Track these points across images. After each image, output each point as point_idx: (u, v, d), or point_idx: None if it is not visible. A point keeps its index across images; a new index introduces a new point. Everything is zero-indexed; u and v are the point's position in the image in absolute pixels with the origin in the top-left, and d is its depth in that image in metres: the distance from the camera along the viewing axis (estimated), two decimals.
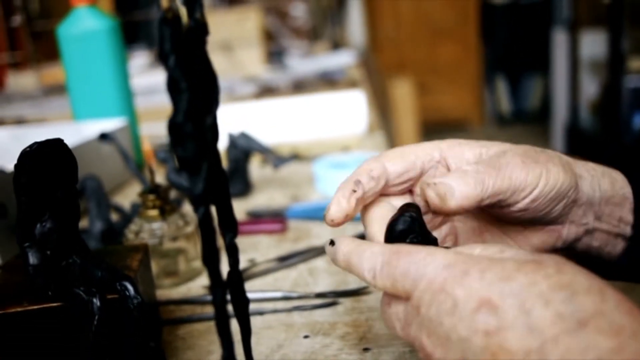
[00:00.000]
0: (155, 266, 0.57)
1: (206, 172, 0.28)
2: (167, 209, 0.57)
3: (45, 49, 2.05)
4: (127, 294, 0.38)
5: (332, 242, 0.37)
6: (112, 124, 0.90)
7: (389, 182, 0.40)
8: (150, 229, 0.56)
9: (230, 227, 0.32)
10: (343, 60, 2.07)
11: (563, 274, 0.28)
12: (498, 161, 0.38)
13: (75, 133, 0.90)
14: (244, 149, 0.78)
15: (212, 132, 0.29)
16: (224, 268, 0.33)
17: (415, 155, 0.41)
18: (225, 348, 0.29)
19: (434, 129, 4.42)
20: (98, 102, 0.95)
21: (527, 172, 0.37)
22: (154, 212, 0.57)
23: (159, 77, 1.87)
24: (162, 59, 0.27)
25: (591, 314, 0.26)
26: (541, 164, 0.38)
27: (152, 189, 0.57)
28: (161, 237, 0.56)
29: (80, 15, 0.93)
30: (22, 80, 2.05)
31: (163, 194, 0.57)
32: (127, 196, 0.86)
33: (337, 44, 2.93)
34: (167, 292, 0.56)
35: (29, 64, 2.10)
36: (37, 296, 0.39)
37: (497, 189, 0.37)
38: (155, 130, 1.18)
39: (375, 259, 0.33)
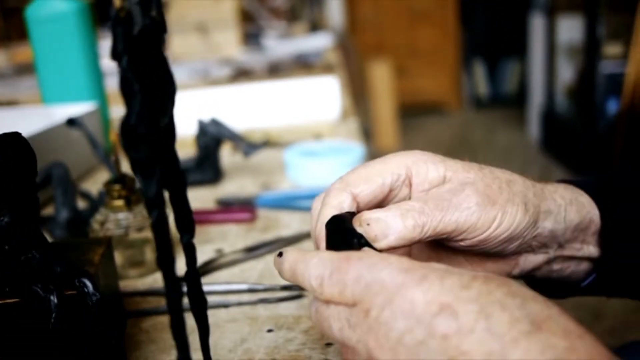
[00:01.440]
0: (120, 257, 0.57)
1: (160, 174, 0.27)
2: (133, 199, 0.57)
3: (17, 27, 2.00)
4: (86, 290, 0.38)
5: (280, 254, 0.36)
6: (82, 108, 0.89)
7: (359, 209, 0.40)
8: (115, 219, 0.56)
9: (187, 228, 0.32)
10: (320, 42, 2.06)
11: (511, 285, 0.29)
12: (450, 201, 0.37)
13: (44, 117, 0.88)
14: (214, 136, 0.78)
15: (168, 133, 0.29)
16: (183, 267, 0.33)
17: (382, 178, 0.40)
18: (180, 350, 0.29)
19: (411, 112, 4.43)
20: (67, 86, 0.94)
21: (479, 215, 0.37)
22: (119, 202, 0.56)
23: None
24: (114, 58, 0.26)
25: (543, 318, 0.27)
26: (498, 206, 0.38)
27: (118, 178, 0.56)
28: (127, 227, 0.56)
29: None
30: None
31: (129, 184, 0.56)
32: (96, 182, 0.85)
33: (315, 26, 2.92)
34: (133, 282, 0.56)
35: None
36: None
37: (440, 231, 0.37)
38: None
39: (323, 265, 0.32)
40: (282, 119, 1.08)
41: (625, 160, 1.77)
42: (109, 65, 1.37)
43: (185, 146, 0.88)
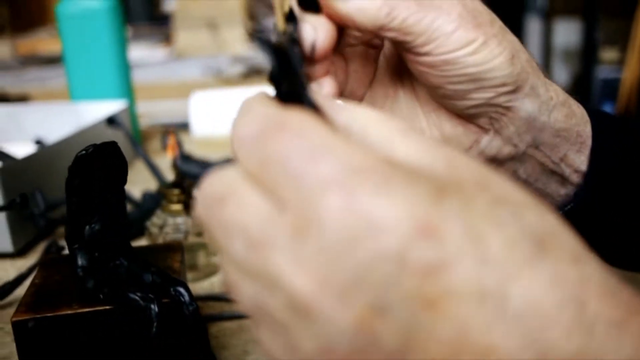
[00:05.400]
0: None
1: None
2: (191, 203, 0.57)
3: (21, 18, 1.98)
4: (183, 299, 0.38)
5: None
6: (113, 106, 0.89)
7: None
8: (174, 224, 0.56)
9: None
10: None
11: (491, 182, 0.20)
12: (431, 0, 0.31)
13: (76, 115, 0.88)
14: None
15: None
16: None
17: None
18: None
19: None
20: (97, 82, 0.94)
21: (455, 27, 0.31)
22: (177, 207, 0.56)
23: (140, 52, 1.84)
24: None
25: (546, 235, 0.19)
26: (481, 32, 0.31)
27: (176, 182, 0.57)
28: (186, 232, 0.56)
29: None
30: None
31: (187, 188, 0.57)
32: (131, 183, 0.85)
33: None
34: (191, 286, 0.56)
35: (2, 32, 2.04)
36: (87, 298, 0.39)
37: (407, 27, 0.30)
38: (150, 109, 1.16)
39: (253, 122, 0.21)
40: None
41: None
42: (135, 58, 1.36)
43: (219, 146, 0.88)
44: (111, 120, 0.76)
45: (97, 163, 0.38)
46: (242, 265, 0.20)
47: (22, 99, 1.36)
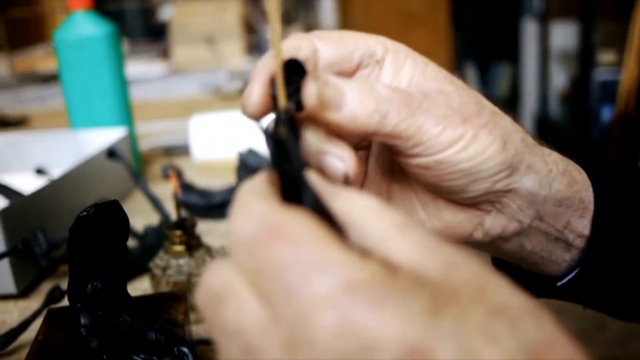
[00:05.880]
0: None
1: None
2: (194, 243, 0.57)
3: (18, 36, 1.98)
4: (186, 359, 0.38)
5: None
6: (112, 134, 0.88)
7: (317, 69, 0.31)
8: (177, 265, 0.56)
9: None
10: None
11: (489, 290, 0.20)
12: (419, 102, 0.30)
13: (76, 145, 0.88)
14: (254, 168, 0.78)
15: None
16: None
17: (355, 44, 0.32)
18: None
19: None
20: (95, 110, 0.93)
21: (443, 127, 0.30)
22: (180, 248, 0.56)
23: (137, 68, 1.83)
24: None
25: (542, 346, 0.19)
26: (469, 125, 0.31)
27: (178, 223, 0.56)
28: (189, 274, 0.56)
29: (77, 20, 0.91)
30: None
31: (190, 229, 0.56)
32: (132, 213, 0.84)
33: (310, 29, 2.92)
34: (194, 328, 0.56)
35: (1, 50, 2.04)
36: (91, 358, 0.39)
37: (397, 133, 0.30)
38: (150, 130, 1.16)
39: (250, 224, 0.21)
40: None
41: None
42: (132, 74, 1.36)
43: (221, 171, 0.88)
44: (112, 153, 0.75)
45: (98, 222, 0.38)
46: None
47: (21, 121, 1.36)
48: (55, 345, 0.41)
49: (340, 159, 0.29)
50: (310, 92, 0.28)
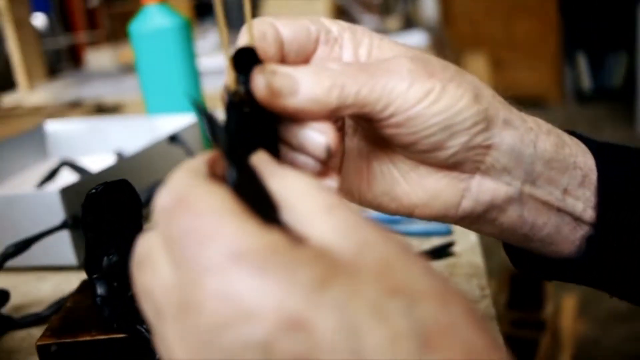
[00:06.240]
0: None
1: None
2: None
3: (122, 29, 2.11)
4: None
5: None
6: (183, 120, 0.93)
7: (283, 50, 0.32)
8: None
9: None
10: (414, 41, 2.04)
11: (395, 269, 0.20)
12: (378, 65, 0.31)
13: (148, 129, 0.93)
14: None
15: None
16: None
17: (311, 20, 0.33)
18: None
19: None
20: (169, 97, 0.98)
21: (410, 82, 0.30)
22: None
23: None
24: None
25: (437, 329, 0.18)
26: (436, 79, 0.31)
27: None
28: None
29: (150, 13, 0.95)
30: (100, 58, 2.12)
31: None
32: None
33: (409, 20, 2.88)
34: None
35: (105, 42, 2.17)
36: (104, 326, 0.42)
37: (363, 99, 0.30)
38: (221, 117, 1.20)
39: (169, 194, 0.23)
40: None
41: None
42: (204, 64, 1.41)
43: None
44: (173, 138, 0.79)
45: (107, 200, 0.40)
46: (153, 326, 0.23)
47: (115, 108, 1.44)
48: (80, 312, 0.44)
49: (321, 131, 0.30)
50: (258, 82, 0.28)
